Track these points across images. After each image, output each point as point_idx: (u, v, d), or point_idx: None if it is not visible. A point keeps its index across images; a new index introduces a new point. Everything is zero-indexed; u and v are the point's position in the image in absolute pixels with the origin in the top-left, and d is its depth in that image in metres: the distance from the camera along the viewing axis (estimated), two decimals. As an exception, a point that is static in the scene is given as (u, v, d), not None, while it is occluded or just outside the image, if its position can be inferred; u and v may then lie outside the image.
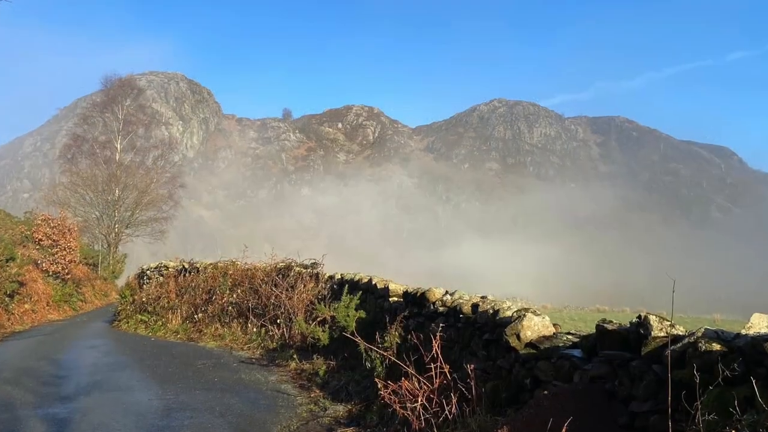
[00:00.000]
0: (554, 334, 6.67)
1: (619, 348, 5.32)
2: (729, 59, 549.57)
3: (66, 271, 31.80)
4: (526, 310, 7.05)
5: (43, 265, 30.38)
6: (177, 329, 18.93)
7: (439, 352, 7.17)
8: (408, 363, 7.48)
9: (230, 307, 17.78)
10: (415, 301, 10.25)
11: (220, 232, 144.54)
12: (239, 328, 16.88)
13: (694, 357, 4.44)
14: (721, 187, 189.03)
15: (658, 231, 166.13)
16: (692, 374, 4.20)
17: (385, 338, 9.44)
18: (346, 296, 12.16)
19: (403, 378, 7.27)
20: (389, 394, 7.14)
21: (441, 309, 9.30)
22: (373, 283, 12.72)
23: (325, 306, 12.85)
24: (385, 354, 8.77)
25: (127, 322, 21.80)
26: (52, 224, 32.95)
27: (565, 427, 4.73)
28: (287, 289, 15.27)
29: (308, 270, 16.02)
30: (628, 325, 5.37)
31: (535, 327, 6.70)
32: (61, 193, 49.08)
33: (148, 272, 27.18)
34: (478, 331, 7.91)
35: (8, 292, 22.63)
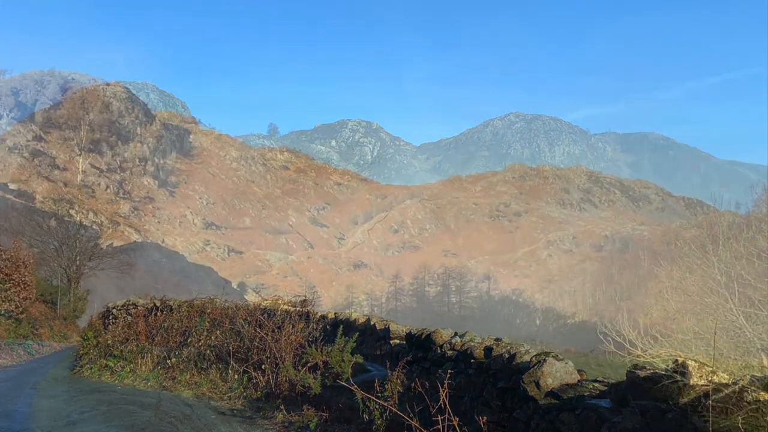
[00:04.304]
0: (579, 381, 6.68)
1: (653, 397, 5.33)
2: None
3: (20, 309, 31.78)
4: (547, 354, 7.06)
5: (-6, 302, 30.37)
6: (147, 376, 18.90)
7: (447, 403, 7.17)
8: (412, 415, 7.49)
9: (208, 351, 17.75)
10: (420, 343, 10.26)
11: (196, 266, 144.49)
12: (218, 375, 16.84)
13: (739, 407, 4.45)
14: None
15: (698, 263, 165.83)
16: (737, 427, 4.21)
17: (386, 386, 9.44)
18: (341, 338, 12.18)
19: (406, 432, 7.27)
20: (391, 450, 7.13)
21: (449, 353, 9.32)
22: (372, 323, 12.75)
23: (316, 349, 12.86)
24: (385, 404, 8.76)
25: (90, 368, 21.73)
26: (4, 256, 32.96)
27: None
28: (273, 331, 15.25)
29: (297, 308, 16.03)
30: (664, 372, 5.37)
31: (556, 373, 6.71)
32: (14, 221, 49.13)
33: (114, 311, 27.19)
34: (492, 378, 7.92)
35: (-47, 334, 22.64)
